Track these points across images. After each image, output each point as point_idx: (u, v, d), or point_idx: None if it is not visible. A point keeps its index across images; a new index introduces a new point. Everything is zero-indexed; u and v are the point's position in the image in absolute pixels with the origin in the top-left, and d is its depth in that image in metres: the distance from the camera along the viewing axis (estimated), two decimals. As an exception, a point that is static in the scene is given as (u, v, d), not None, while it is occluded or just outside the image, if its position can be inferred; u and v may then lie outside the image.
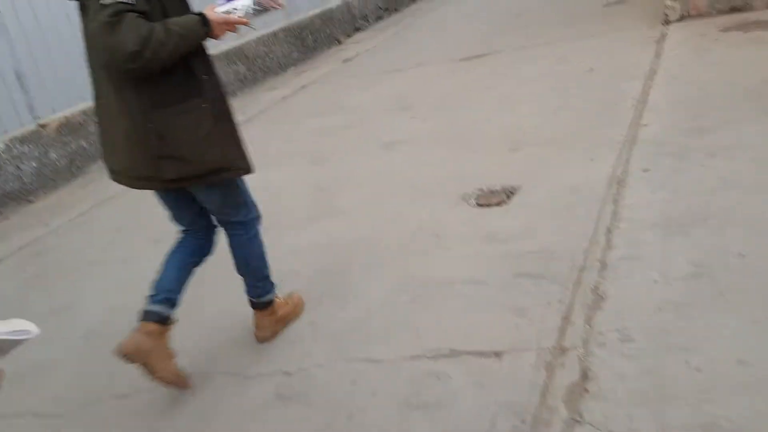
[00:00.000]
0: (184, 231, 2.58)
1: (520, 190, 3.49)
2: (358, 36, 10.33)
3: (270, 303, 2.68)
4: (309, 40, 9.41)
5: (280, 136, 5.79)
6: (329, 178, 4.41)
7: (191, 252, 2.54)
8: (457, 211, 3.44)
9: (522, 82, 5.42)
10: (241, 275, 2.62)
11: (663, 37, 5.56)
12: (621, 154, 3.56)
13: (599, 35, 6.26)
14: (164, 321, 2.37)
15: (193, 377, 2.51)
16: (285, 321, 2.75)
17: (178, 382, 2.42)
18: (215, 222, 2.57)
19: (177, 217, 2.55)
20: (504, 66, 6.11)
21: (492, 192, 3.55)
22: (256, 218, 2.59)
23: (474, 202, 3.50)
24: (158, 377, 2.34)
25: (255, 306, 2.67)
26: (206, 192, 2.39)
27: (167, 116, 2.17)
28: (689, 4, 5.84)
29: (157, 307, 2.37)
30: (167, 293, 2.40)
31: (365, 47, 9.10)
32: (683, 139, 3.56)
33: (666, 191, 3.06)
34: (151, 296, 2.40)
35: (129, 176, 2.32)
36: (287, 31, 8.95)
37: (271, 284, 2.68)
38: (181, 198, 2.45)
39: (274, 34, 8.73)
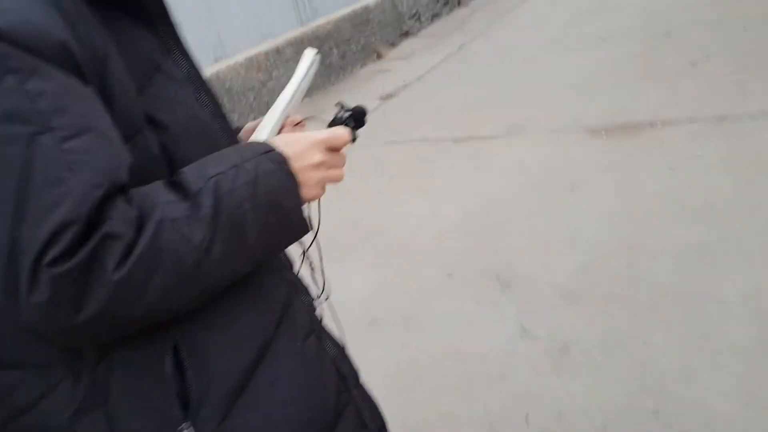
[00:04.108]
0: None
1: None
2: (406, 45, 7.22)
3: None
4: (334, 57, 6.36)
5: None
6: None
7: None
8: None
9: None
10: None
11: None
12: None
13: None
14: None
15: None
16: None
17: None
18: None
19: None
20: (702, 170, 2.98)
21: None
22: None
23: None
24: None
25: None
26: None
27: None
28: None
29: None
30: None
31: (416, 70, 5.99)
32: None
33: None
34: None
35: None
36: (298, 44, 5.92)
37: None
38: None
39: (278, 51, 5.71)
